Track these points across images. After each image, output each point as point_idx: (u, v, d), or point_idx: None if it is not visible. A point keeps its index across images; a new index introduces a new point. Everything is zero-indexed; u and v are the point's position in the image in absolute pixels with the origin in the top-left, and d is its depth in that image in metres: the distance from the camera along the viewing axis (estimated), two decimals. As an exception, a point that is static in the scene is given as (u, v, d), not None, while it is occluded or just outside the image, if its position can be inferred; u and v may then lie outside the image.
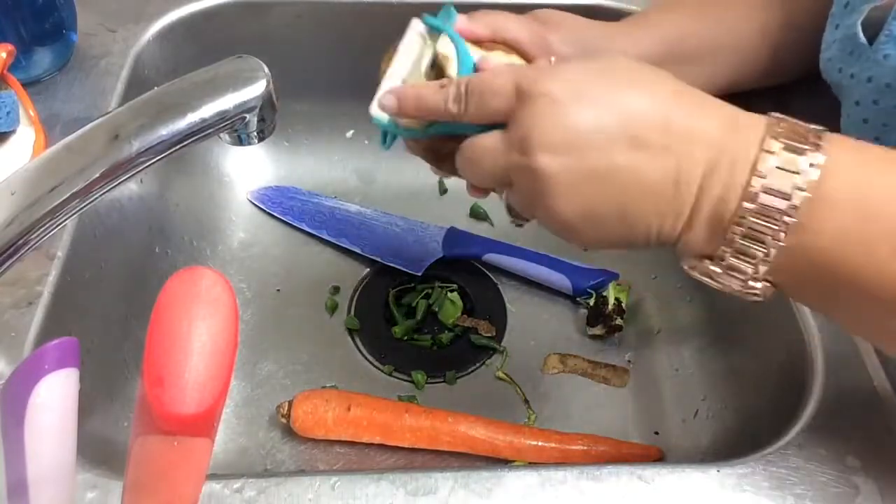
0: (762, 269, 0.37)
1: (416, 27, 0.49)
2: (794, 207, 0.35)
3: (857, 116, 0.51)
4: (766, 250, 0.36)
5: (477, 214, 0.78)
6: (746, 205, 0.36)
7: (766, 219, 0.36)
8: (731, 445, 0.55)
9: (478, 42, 0.50)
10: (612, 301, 0.68)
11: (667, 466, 0.45)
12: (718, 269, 0.38)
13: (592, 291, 0.69)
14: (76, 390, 0.29)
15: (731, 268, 0.38)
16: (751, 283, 0.38)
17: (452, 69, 0.46)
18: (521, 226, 0.45)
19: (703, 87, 0.58)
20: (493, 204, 0.78)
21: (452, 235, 0.74)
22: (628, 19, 0.60)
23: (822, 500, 0.44)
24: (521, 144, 0.39)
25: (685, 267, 0.40)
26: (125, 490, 0.31)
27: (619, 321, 0.68)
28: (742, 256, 0.37)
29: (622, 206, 0.38)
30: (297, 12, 0.74)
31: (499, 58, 0.49)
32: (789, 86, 0.66)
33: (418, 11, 0.54)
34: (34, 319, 0.49)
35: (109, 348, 0.58)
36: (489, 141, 0.41)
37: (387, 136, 0.48)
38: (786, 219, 0.36)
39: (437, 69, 0.47)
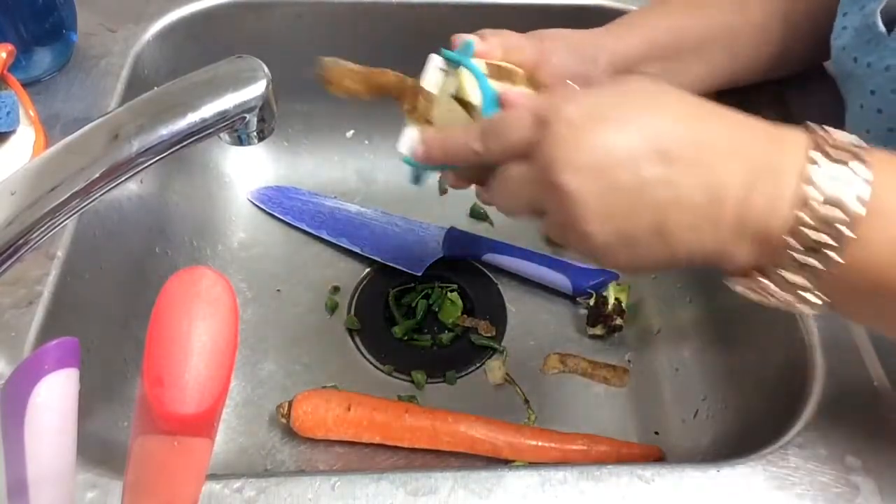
0: (818, 282, 0.36)
1: (435, 62, 0.49)
2: (851, 220, 0.35)
3: (872, 106, 0.51)
4: (823, 263, 0.35)
5: (477, 214, 0.78)
6: (801, 215, 0.35)
7: (824, 230, 0.35)
8: (731, 445, 0.55)
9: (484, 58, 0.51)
10: (612, 301, 0.68)
11: (667, 466, 0.45)
12: (771, 284, 0.37)
13: (592, 291, 0.69)
14: (76, 390, 0.29)
15: (786, 281, 0.37)
16: (807, 295, 0.37)
17: (475, 99, 0.46)
18: (558, 252, 0.45)
19: (697, 82, 0.59)
20: (493, 204, 0.78)
21: (452, 235, 0.74)
22: (617, 21, 0.60)
23: (822, 500, 0.44)
24: (546, 170, 0.38)
25: (732, 284, 0.39)
26: (125, 490, 0.31)
27: (619, 321, 0.68)
28: (798, 269, 0.36)
29: (657, 224, 0.37)
30: (297, 12, 0.74)
31: (510, 81, 0.50)
32: (787, 81, 0.67)
33: (418, 11, 0.55)
34: (34, 319, 0.49)
35: (109, 348, 0.58)
36: (516, 171, 0.41)
37: (418, 175, 0.49)
38: (843, 230, 0.35)
39: (460, 102, 0.48)
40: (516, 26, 0.57)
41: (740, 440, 0.55)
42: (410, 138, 0.48)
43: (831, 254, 0.35)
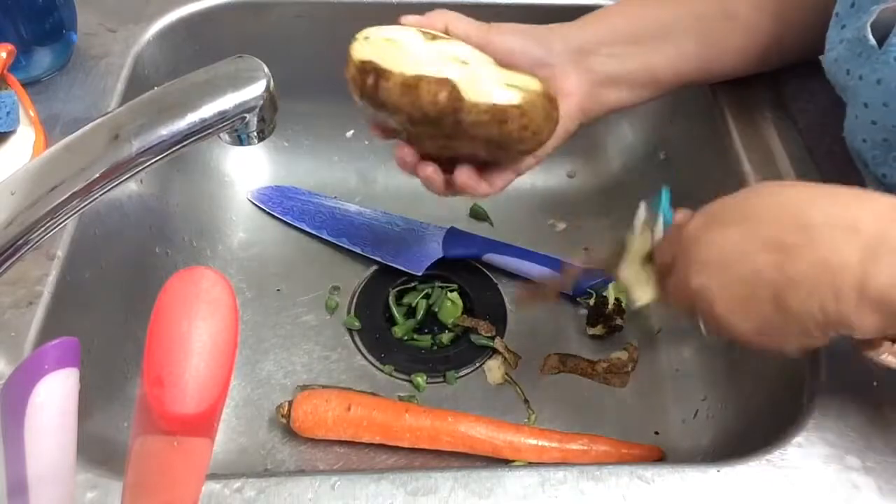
0: None
1: (641, 215, 0.53)
2: None
3: (866, 118, 0.51)
4: None
5: (477, 214, 0.78)
6: None
7: None
8: (731, 445, 0.55)
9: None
10: (612, 301, 0.68)
11: (667, 466, 0.45)
12: None
13: (592, 291, 0.69)
14: (76, 390, 0.29)
15: None
16: None
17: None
18: (719, 344, 0.50)
19: (663, 67, 0.60)
20: (493, 204, 0.78)
21: (452, 235, 0.74)
22: (587, 15, 0.60)
23: (822, 500, 0.44)
24: (683, 275, 0.44)
25: (865, 354, 0.42)
26: (125, 490, 0.31)
27: (619, 321, 0.68)
28: None
29: (778, 303, 0.40)
30: (296, 12, 0.74)
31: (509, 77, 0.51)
32: (786, 81, 0.67)
33: (418, 11, 0.55)
34: (34, 319, 0.49)
35: (109, 348, 0.58)
36: (671, 280, 0.47)
37: None
38: None
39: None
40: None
41: (740, 440, 0.55)
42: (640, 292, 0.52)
43: None
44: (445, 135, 0.51)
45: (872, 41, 0.50)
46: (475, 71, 0.50)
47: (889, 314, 0.38)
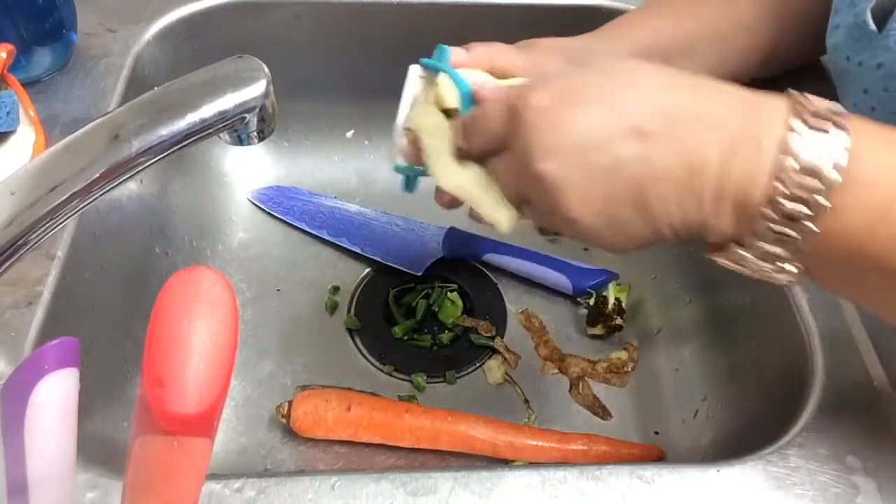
0: (795, 251, 0.36)
1: (415, 71, 0.50)
2: (828, 188, 0.34)
3: (866, 104, 0.51)
4: (800, 232, 0.35)
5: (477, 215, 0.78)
6: (778, 185, 0.35)
7: (800, 200, 0.35)
8: (731, 445, 0.55)
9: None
10: (612, 301, 0.68)
11: (667, 466, 0.45)
12: (749, 254, 0.37)
13: (592, 291, 0.69)
14: (76, 390, 0.29)
15: (764, 252, 0.36)
16: (784, 265, 0.37)
17: (454, 103, 0.47)
18: (554, 241, 0.45)
19: None
20: (493, 204, 0.78)
21: (452, 235, 0.74)
22: (607, 25, 0.60)
23: (822, 500, 0.44)
24: (522, 158, 0.39)
25: (711, 256, 0.39)
26: (125, 490, 0.31)
27: (619, 321, 0.68)
28: (775, 240, 0.36)
29: (637, 200, 0.37)
30: (297, 12, 0.74)
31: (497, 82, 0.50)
32: (783, 80, 0.66)
33: (418, 11, 0.55)
34: (34, 319, 0.49)
35: (109, 348, 0.58)
36: (498, 164, 0.42)
37: (409, 181, 0.50)
38: (819, 199, 0.34)
39: (444, 111, 0.48)
40: (515, 26, 0.57)
41: (740, 440, 0.55)
42: (398, 145, 0.49)
43: (808, 223, 0.35)
44: None
45: (872, 26, 0.50)
46: None
47: (743, 214, 0.36)
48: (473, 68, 0.50)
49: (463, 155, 0.44)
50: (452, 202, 0.49)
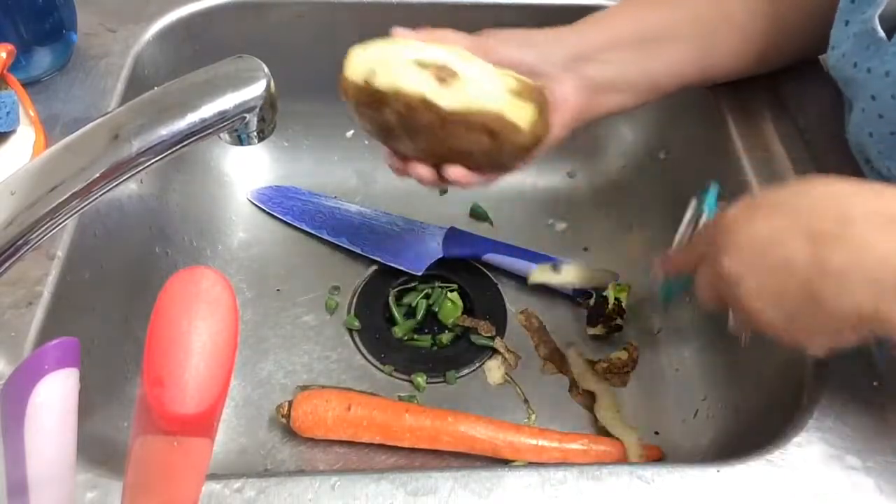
0: None
1: (689, 211, 0.56)
2: None
3: (873, 112, 0.51)
4: None
5: (477, 214, 0.78)
6: None
7: None
8: (731, 445, 0.55)
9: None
10: (612, 301, 0.68)
11: (667, 466, 0.45)
12: None
13: (592, 291, 0.69)
14: (76, 390, 0.29)
15: None
16: None
17: None
18: (745, 342, 0.50)
19: (664, 73, 0.60)
20: (494, 204, 0.78)
21: (452, 235, 0.74)
22: (586, 18, 0.60)
23: (822, 500, 0.44)
24: (714, 261, 0.44)
25: None
26: (125, 490, 0.31)
27: (619, 321, 0.68)
28: None
29: (811, 296, 0.40)
30: (297, 12, 0.74)
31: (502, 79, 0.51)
32: (785, 82, 0.67)
33: (418, 11, 0.55)
34: (34, 319, 0.49)
35: (109, 348, 0.58)
36: (703, 269, 0.47)
37: (668, 294, 0.57)
38: None
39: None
40: (515, 26, 0.57)
41: (740, 440, 0.55)
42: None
43: None
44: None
45: (881, 33, 0.50)
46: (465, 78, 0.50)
47: None
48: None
49: (693, 266, 0.49)
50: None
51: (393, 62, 0.50)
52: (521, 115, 0.50)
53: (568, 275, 0.69)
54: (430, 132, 0.51)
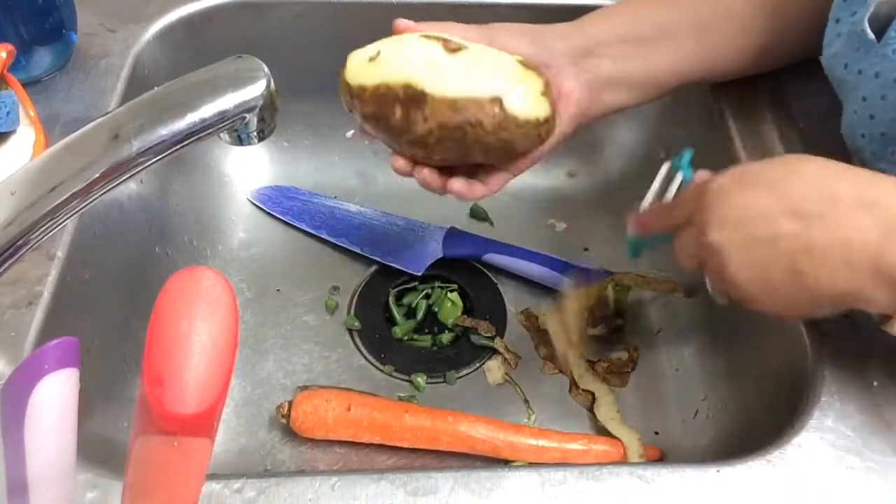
0: None
1: (662, 172, 0.57)
2: None
3: (864, 112, 0.51)
4: None
5: (477, 214, 0.78)
6: None
7: None
8: (731, 445, 0.55)
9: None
10: (612, 301, 0.68)
11: (667, 466, 0.45)
12: None
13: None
14: (76, 390, 0.29)
15: None
16: None
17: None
18: (722, 304, 0.50)
19: (663, 68, 0.60)
20: (493, 204, 0.78)
21: (452, 235, 0.74)
22: (588, 14, 0.60)
23: (822, 500, 0.44)
24: (700, 228, 0.45)
25: (882, 328, 0.43)
26: (125, 490, 0.31)
27: (619, 321, 0.68)
28: None
29: (794, 271, 0.42)
30: (297, 12, 0.74)
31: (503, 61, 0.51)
32: (786, 81, 0.67)
33: (418, 11, 0.55)
34: (34, 319, 0.49)
35: (109, 348, 0.58)
36: (685, 233, 0.48)
37: (637, 249, 0.57)
38: None
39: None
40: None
41: (740, 440, 0.55)
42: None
43: None
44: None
45: (871, 35, 0.50)
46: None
47: None
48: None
49: (671, 225, 0.50)
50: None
51: (396, 53, 0.51)
52: (532, 84, 0.51)
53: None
54: (440, 114, 0.50)
